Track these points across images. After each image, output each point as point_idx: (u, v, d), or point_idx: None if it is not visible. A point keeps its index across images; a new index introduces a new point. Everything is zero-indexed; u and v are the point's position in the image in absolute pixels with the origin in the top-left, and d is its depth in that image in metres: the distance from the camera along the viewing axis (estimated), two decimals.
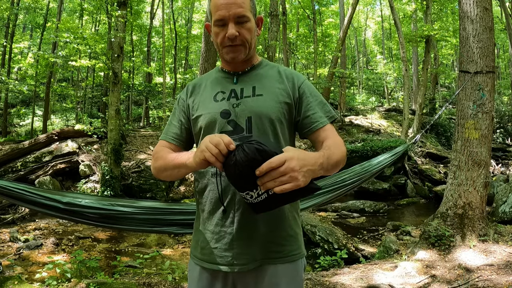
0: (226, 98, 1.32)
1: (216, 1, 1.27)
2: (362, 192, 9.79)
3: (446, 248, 4.37)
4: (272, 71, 1.38)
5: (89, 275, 3.96)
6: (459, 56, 5.23)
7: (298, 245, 1.32)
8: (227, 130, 1.27)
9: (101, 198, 3.74)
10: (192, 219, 2.95)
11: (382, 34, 30.54)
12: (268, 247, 1.26)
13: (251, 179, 1.04)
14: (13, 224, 7.19)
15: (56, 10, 17.45)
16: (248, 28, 1.29)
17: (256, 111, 1.27)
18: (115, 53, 8.75)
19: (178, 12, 25.50)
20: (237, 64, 1.35)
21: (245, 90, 1.32)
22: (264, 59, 1.44)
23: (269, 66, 1.41)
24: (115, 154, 8.57)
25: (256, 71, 1.37)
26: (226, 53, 1.31)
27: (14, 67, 16.86)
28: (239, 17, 1.26)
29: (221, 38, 1.29)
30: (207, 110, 1.31)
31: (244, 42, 1.29)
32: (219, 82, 1.37)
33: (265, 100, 1.29)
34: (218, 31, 1.29)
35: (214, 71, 1.44)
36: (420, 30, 14.44)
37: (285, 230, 1.29)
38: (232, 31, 1.25)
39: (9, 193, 2.66)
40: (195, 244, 1.37)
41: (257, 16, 1.36)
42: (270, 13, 10.56)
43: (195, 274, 1.33)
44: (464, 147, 4.81)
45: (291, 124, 1.34)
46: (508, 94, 22.56)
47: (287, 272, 1.28)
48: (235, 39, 1.27)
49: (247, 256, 1.25)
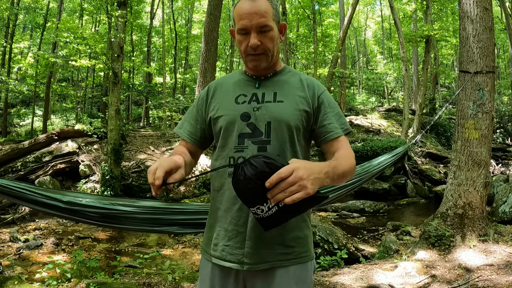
0: (247, 101, 1.35)
1: (239, 10, 1.31)
2: (362, 192, 9.79)
3: (446, 248, 4.37)
4: (294, 79, 1.41)
5: (89, 275, 3.96)
6: (459, 56, 5.23)
7: (308, 247, 1.34)
8: (246, 132, 1.31)
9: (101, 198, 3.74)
10: (192, 219, 2.96)
11: (382, 34, 30.55)
12: (278, 248, 1.29)
13: (261, 193, 1.05)
14: (13, 224, 7.19)
15: (56, 10, 17.46)
16: (270, 37, 1.31)
17: (276, 116, 1.30)
18: (115, 53, 8.75)
19: (178, 12, 25.50)
20: (260, 70, 1.38)
21: (267, 95, 1.35)
22: (288, 66, 1.47)
23: (292, 73, 1.43)
24: (115, 154, 8.56)
25: (278, 77, 1.40)
26: (249, 61, 1.35)
27: (14, 67, 16.86)
28: (262, 26, 1.29)
29: (244, 47, 1.32)
30: (228, 111, 1.35)
31: (266, 51, 1.32)
32: (241, 84, 1.41)
33: (286, 107, 1.32)
34: (241, 39, 1.33)
35: (238, 73, 1.47)
36: (420, 30, 14.44)
37: (295, 232, 1.31)
38: (254, 40, 1.29)
39: (10, 192, 2.66)
40: (207, 241, 1.40)
41: (280, 23, 1.38)
42: None
43: (207, 270, 1.36)
44: (464, 147, 4.81)
45: (308, 132, 1.37)
46: (508, 94, 22.57)
47: (297, 273, 1.30)
48: (257, 48, 1.30)
49: (257, 256, 1.28)
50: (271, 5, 1.32)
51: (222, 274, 1.33)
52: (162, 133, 13.32)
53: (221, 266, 1.32)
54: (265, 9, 1.29)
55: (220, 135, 1.35)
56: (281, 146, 1.29)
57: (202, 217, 2.90)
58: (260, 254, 1.28)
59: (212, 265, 1.35)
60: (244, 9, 1.30)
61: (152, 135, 13.11)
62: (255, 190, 1.05)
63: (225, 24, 23.46)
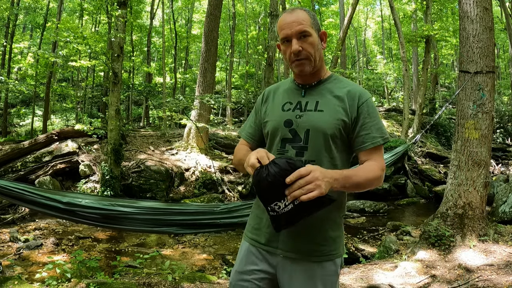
0: (291, 109, 1.48)
1: (281, 23, 1.45)
2: (362, 192, 9.78)
3: (446, 248, 4.37)
4: (337, 86, 1.49)
5: (89, 275, 3.95)
6: (459, 56, 5.23)
7: (336, 246, 1.47)
8: (288, 137, 1.46)
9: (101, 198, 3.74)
10: (191, 219, 2.97)
11: (382, 34, 30.54)
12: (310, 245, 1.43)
13: (281, 190, 1.19)
14: (13, 224, 7.19)
15: (56, 10, 17.45)
16: (310, 42, 1.42)
17: (315, 125, 1.42)
18: (115, 53, 8.75)
19: (178, 12, 25.49)
20: (306, 77, 1.50)
21: (309, 104, 1.47)
22: (335, 74, 1.57)
23: (337, 80, 1.52)
24: (115, 154, 8.56)
25: (323, 85, 1.51)
26: (294, 67, 1.46)
27: (14, 67, 16.86)
28: (301, 32, 1.41)
29: (288, 54, 1.44)
30: (274, 118, 1.51)
31: (308, 56, 1.43)
32: (290, 93, 1.54)
33: (324, 115, 1.43)
34: (285, 48, 1.45)
35: (289, 80, 1.59)
36: (420, 30, 14.43)
37: (328, 233, 1.44)
38: (295, 46, 1.41)
39: (9, 193, 2.66)
40: (250, 228, 1.57)
41: (321, 31, 1.48)
42: (270, 13, 10.55)
43: (244, 248, 1.55)
44: (464, 147, 4.81)
45: (345, 140, 1.47)
46: (508, 94, 22.56)
47: (324, 269, 1.44)
48: (299, 54, 1.42)
49: (290, 246, 1.43)
50: (309, 15, 1.45)
51: (257, 253, 1.50)
52: (162, 133, 13.32)
53: (257, 248, 1.50)
54: (303, 18, 1.42)
55: (268, 138, 1.53)
56: (317, 153, 1.42)
57: (202, 217, 2.91)
58: (293, 245, 1.43)
59: (249, 245, 1.53)
60: (284, 21, 1.43)
61: (152, 135, 13.11)
62: (276, 186, 1.18)
63: (225, 24, 23.45)
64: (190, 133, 11.41)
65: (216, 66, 15.41)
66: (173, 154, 10.93)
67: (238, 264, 1.56)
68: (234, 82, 24.96)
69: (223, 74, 26.62)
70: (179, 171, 9.92)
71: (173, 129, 15.30)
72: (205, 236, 6.64)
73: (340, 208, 1.49)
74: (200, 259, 5.72)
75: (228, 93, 19.95)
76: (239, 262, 1.55)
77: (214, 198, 9.02)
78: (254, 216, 1.57)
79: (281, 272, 1.46)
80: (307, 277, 1.42)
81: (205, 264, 5.48)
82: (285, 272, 1.45)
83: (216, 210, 2.80)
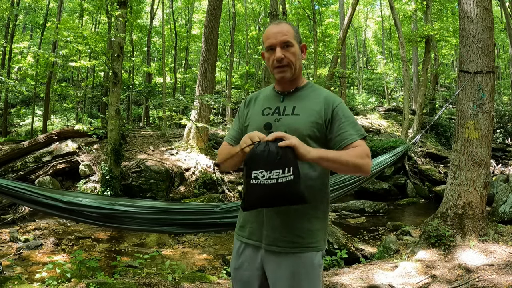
0: (271, 113, 1.64)
1: (266, 33, 1.62)
2: (362, 192, 9.79)
3: (446, 248, 4.37)
4: (314, 94, 1.65)
5: (89, 275, 3.96)
6: (459, 56, 5.23)
7: (317, 239, 1.59)
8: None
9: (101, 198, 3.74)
10: (192, 219, 2.97)
11: (382, 34, 30.54)
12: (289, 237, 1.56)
13: (272, 162, 1.34)
14: (13, 224, 7.19)
15: (56, 10, 17.45)
16: (292, 52, 1.60)
17: (291, 127, 1.56)
18: (115, 53, 8.74)
19: (178, 12, 25.49)
20: (285, 84, 1.66)
21: (287, 109, 1.63)
22: (311, 82, 1.73)
23: (313, 88, 1.68)
24: (115, 154, 8.56)
25: (300, 92, 1.67)
26: (276, 73, 1.62)
27: (14, 67, 16.85)
28: (284, 42, 1.58)
29: (272, 61, 1.60)
30: (254, 122, 1.66)
31: (289, 63, 1.60)
32: (269, 99, 1.70)
33: (301, 118, 1.59)
34: (268, 56, 1.62)
35: (270, 88, 1.76)
36: (420, 30, 14.44)
37: (305, 225, 1.57)
38: (279, 54, 1.57)
39: (10, 192, 2.66)
40: (237, 225, 1.74)
41: (302, 44, 1.66)
42: (270, 13, 10.54)
43: (237, 245, 1.70)
44: (464, 147, 4.81)
45: (323, 140, 1.60)
46: (508, 94, 22.56)
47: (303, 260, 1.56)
48: (281, 61, 1.58)
49: (272, 240, 1.58)
50: (292, 28, 1.62)
51: (247, 250, 1.65)
52: (162, 133, 13.32)
53: (246, 243, 1.65)
54: (287, 30, 1.60)
55: None
56: None
57: (202, 217, 2.91)
58: (274, 239, 1.57)
59: (240, 242, 1.68)
60: (270, 31, 1.60)
61: (152, 135, 13.10)
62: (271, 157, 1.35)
63: (225, 24, 23.45)
64: (190, 133, 11.41)
65: (216, 66, 15.40)
66: (173, 154, 10.93)
67: (233, 261, 1.71)
68: (234, 82, 24.96)
69: (223, 74, 26.61)
70: (179, 171, 9.92)
71: (173, 129, 15.30)
72: (205, 236, 6.64)
73: (318, 205, 1.60)
74: (200, 259, 5.72)
75: (228, 93, 19.95)
76: (234, 259, 1.70)
77: (214, 198, 9.02)
78: (240, 215, 1.73)
79: (266, 265, 1.60)
80: (290, 269, 1.54)
81: (205, 264, 5.48)
82: (269, 265, 1.58)
83: (216, 210, 2.80)
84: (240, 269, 1.66)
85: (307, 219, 1.57)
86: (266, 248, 1.59)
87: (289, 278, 1.54)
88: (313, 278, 1.56)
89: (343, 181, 3.86)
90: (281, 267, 1.56)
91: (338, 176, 3.82)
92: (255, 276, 1.63)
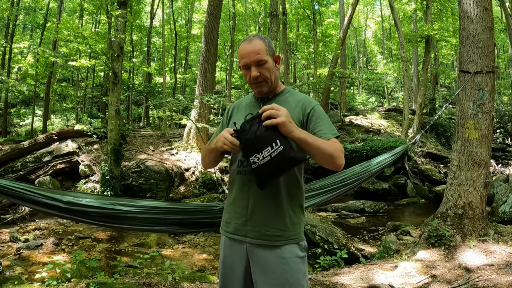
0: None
1: (240, 51, 1.70)
2: (362, 192, 9.79)
3: (446, 248, 4.37)
4: (291, 98, 1.77)
5: (89, 275, 3.96)
6: (459, 56, 5.23)
7: (297, 231, 1.71)
8: None
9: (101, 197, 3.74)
10: (192, 218, 2.97)
11: (382, 34, 30.54)
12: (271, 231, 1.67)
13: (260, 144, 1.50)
14: (13, 224, 7.19)
15: (56, 10, 17.45)
16: (267, 68, 1.70)
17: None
18: (115, 53, 8.74)
19: (178, 12, 25.49)
20: (263, 94, 1.78)
21: None
22: (288, 87, 1.85)
23: (290, 93, 1.80)
24: (115, 154, 8.56)
25: (278, 97, 1.79)
26: (254, 88, 1.76)
27: (14, 67, 16.85)
28: (258, 61, 1.67)
29: (248, 78, 1.72)
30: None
31: (265, 79, 1.71)
32: (251, 106, 1.83)
33: None
34: (245, 73, 1.73)
35: (250, 96, 1.89)
36: (420, 30, 14.43)
37: (286, 220, 1.68)
38: (254, 73, 1.68)
39: (10, 192, 2.65)
40: (223, 222, 1.84)
41: (275, 55, 1.75)
42: (270, 13, 10.56)
43: (223, 240, 1.82)
44: (464, 147, 4.81)
45: None
46: (508, 94, 22.57)
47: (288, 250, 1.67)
48: (257, 78, 1.69)
49: (256, 234, 1.69)
50: (264, 43, 1.70)
51: (232, 243, 1.76)
52: (162, 133, 13.32)
53: (232, 239, 1.76)
54: (259, 47, 1.68)
55: None
56: None
57: (202, 216, 2.91)
58: (258, 232, 1.68)
59: (225, 238, 1.80)
60: (243, 50, 1.69)
61: (152, 135, 13.11)
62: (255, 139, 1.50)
63: (225, 24, 23.46)
64: (190, 133, 11.41)
65: (216, 66, 15.40)
66: (173, 154, 10.93)
67: (221, 255, 1.82)
68: (234, 82, 24.96)
69: (223, 74, 26.62)
70: (179, 171, 9.92)
71: (173, 129, 15.30)
72: (205, 236, 6.64)
73: (294, 199, 1.72)
74: (200, 259, 5.72)
75: (228, 93, 19.95)
76: (221, 253, 1.83)
77: (214, 198, 9.02)
78: (225, 212, 1.84)
79: (251, 258, 1.70)
80: (275, 261, 1.65)
81: (205, 264, 5.48)
82: (254, 257, 1.69)
83: (216, 210, 2.80)
84: (226, 262, 1.78)
85: (288, 213, 1.69)
86: (251, 241, 1.69)
87: (274, 270, 1.64)
88: (297, 269, 1.67)
89: (342, 181, 3.85)
90: (266, 259, 1.66)
91: (337, 176, 3.82)
92: (241, 268, 1.73)
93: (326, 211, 8.57)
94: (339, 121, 15.79)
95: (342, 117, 16.23)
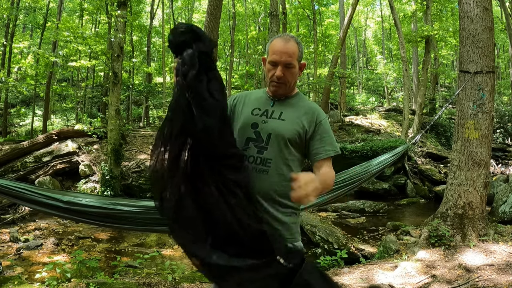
0: (259, 115, 1.75)
1: (273, 46, 1.69)
2: (362, 192, 9.78)
3: (446, 248, 4.37)
4: (301, 104, 1.78)
5: (89, 275, 3.96)
6: (459, 56, 5.23)
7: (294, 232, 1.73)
8: (252, 137, 1.70)
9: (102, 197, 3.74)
10: None
11: (382, 34, 30.54)
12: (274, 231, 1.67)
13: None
14: (13, 224, 7.18)
15: (56, 10, 17.44)
16: (292, 73, 1.71)
17: (276, 130, 1.69)
18: (115, 53, 8.74)
19: (178, 12, 25.49)
20: (277, 95, 1.78)
21: (275, 113, 1.74)
22: (300, 92, 1.85)
23: (301, 99, 1.81)
24: (115, 154, 8.56)
25: (289, 100, 1.78)
26: (271, 86, 1.74)
27: (14, 67, 16.84)
28: (287, 64, 1.67)
29: (271, 75, 1.71)
30: (244, 120, 1.75)
31: (286, 82, 1.71)
32: (261, 101, 1.80)
33: (286, 124, 1.70)
34: (270, 69, 1.71)
35: (262, 91, 1.87)
36: (420, 30, 14.44)
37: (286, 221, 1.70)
38: (279, 73, 1.67)
39: (10, 192, 2.65)
40: None
41: (302, 63, 1.76)
42: (270, 13, 10.56)
43: None
44: (464, 147, 4.81)
45: (302, 148, 1.73)
46: (508, 94, 22.56)
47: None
48: (280, 79, 1.69)
49: None
50: (298, 48, 1.70)
51: None
52: None
53: None
54: (293, 51, 1.68)
55: (237, 135, 1.73)
56: (274, 153, 1.66)
57: None
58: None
59: None
60: (277, 47, 1.68)
61: (152, 135, 13.09)
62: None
63: (225, 24, 23.45)
64: None
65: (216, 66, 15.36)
66: None
67: None
68: (234, 82, 24.96)
69: (223, 74, 26.52)
70: None
71: None
72: None
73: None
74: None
75: (228, 93, 19.95)
76: None
77: None
78: None
79: None
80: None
81: None
82: None
83: None
84: None
85: (288, 214, 1.70)
86: None
87: None
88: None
89: (342, 181, 3.85)
90: None
91: (338, 176, 3.82)
92: None
93: (326, 211, 8.57)
94: (339, 121, 15.79)
95: (342, 117, 16.23)
